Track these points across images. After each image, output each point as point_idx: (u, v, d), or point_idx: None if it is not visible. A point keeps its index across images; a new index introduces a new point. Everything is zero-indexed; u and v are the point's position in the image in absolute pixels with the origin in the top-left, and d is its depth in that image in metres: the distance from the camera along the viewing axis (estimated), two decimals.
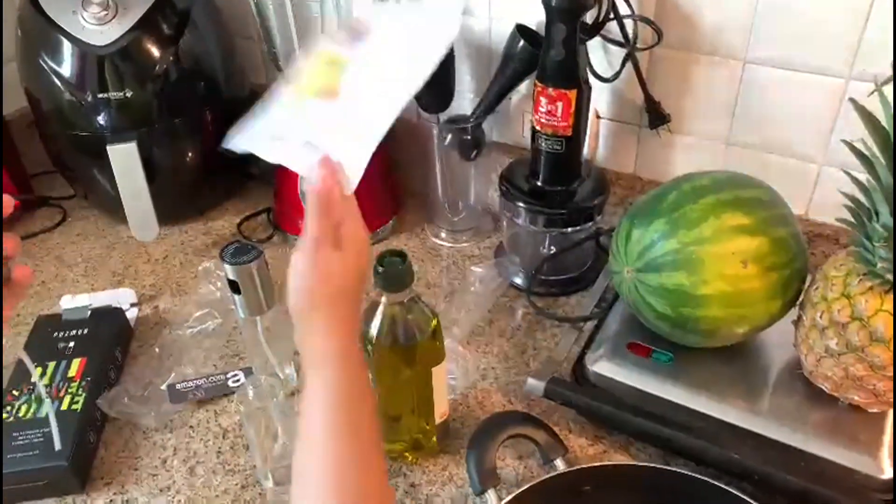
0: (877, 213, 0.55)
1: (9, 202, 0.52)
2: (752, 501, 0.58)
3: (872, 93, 0.54)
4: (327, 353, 0.52)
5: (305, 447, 0.50)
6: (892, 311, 0.55)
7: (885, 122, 0.52)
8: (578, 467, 0.62)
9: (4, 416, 0.71)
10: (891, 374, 0.57)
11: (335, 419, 0.50)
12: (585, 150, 0.86)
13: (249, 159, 0.55)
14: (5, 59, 1.05)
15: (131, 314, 0.88)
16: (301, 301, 0.53)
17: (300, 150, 0.55)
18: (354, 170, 0.55)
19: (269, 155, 0.56)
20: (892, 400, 0.60)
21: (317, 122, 0.56)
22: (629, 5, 0.76)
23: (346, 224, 0.55)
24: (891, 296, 0.55)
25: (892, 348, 0.55)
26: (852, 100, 0.55)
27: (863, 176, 0.56)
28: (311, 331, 0.53)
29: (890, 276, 0.55)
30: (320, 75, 0.57)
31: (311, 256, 0.53)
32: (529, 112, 0.83)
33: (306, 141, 0.55)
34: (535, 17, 0.84)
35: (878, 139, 0.53)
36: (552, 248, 0.88)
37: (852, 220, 0.58)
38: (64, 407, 0.72)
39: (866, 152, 0.54)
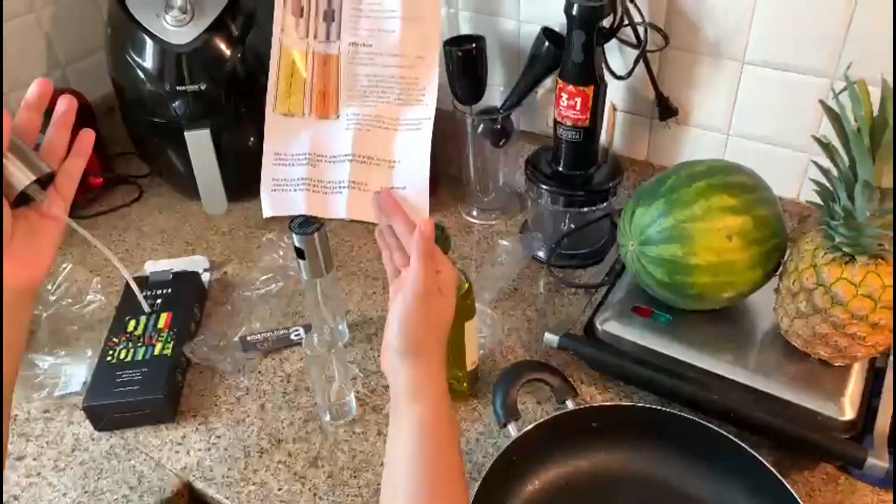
0: (837, 197, 0.65)
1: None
2: (735, 439, 0.69)
3: (838, 94, 0.65)
4: (424, 392, 0.59)
5: (391, 471, 0.58)
6: (849, 279, 0.66)
7: (844, 118, 0.63)
8: (586, 406, 0.74)
9: (108, 358, 0.85)
10: (850, 332, 0.68)
11: (420, 451, 0.57)
12: (603, 139, 0.97)
13: None
14: (94, 49, 1.18)
15: (205, 277, 1.02)
16: (411, 345, 0.60)
17: (345, 195, 0.61)
18: (419, 195, 0.61)
19: (319, 209, 0.63)
20: (853, 354, 0.71)
21: (337, 152, 0.62)
22: (640, 13, 0.87)
23: (442, 268, 0.62)
24: (849, 266, 0.66)
25: (849, 310, 0.66)
26: (821, 101, 0.66)
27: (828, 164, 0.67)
28: (412, 371, 0.60)
29: (847, 250, 0.66)
30: (286, 86, 0.62)
31: (424, 304, 0.60)
32: (553, 105, 0.94)
33: (348, 182, 0.62)
34: (560, 20, 0.94)
35: (838, 131, 0.63)
36: (571, 225, 0.99)
37: (820, 202, 0.69)
38: (156, 352, 0.86)
39: (827, 143, 0.65)
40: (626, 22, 0.87)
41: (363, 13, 0.65)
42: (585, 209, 0.96)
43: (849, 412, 0.70)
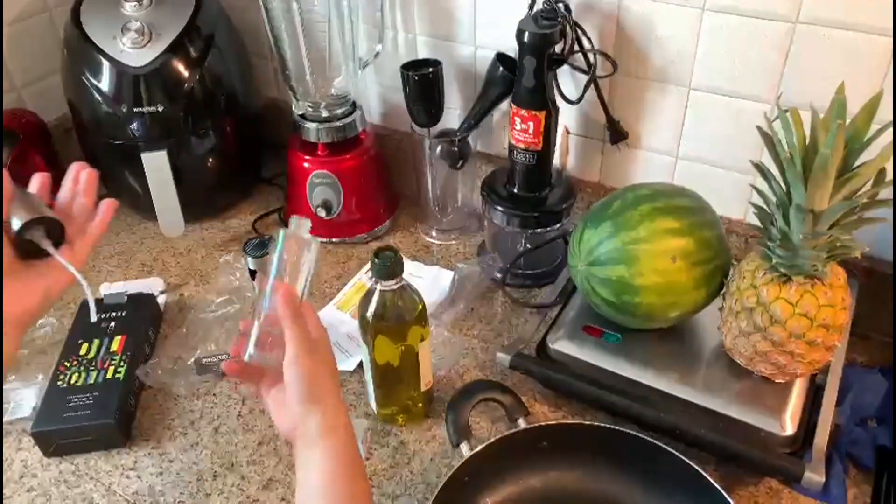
0: (774, 219, 0.68)
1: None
2: (681, 456, 0.70)
3: (774, 120, 0.68)
4: (336, 427, 0.60)
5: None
6: (787, 298, 0.68)
7: (779, 144, 0.66)
8: (537, 425, 0.75)
9: (59, 383, 0.84)
10: (789, 349, 0.70)
11: (336, 481, 0.59)
12: (557, 161, 0.99)
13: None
14: (50, 71, 1.18)
15: (161, 299, 1.01)
16: (315, 394, 0.60)
17: None
18: None
19: None
20: (792, 371, 0.73)
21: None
22: (590, 41, 0.89)
23: (309, 320, 0.63)
24: (787, 286, 0.69)
25: (787, 329, 0.69)
26: (758, 127, 0.68)
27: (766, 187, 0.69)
28: (322, 413, 0.60)
29: (784, 270, 0.68)
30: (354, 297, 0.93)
31: (310, 358, 0.60)
32: (508, 128, 0.96)
33: None
34: (514, 45, 0.97)
35: (773, 157, 0.66)
36: (527, 245, 1.01)
37: (760, 224, 0.71)
38: (108, 376, 0.85)
39: (764, 168, 0.67)
40: (577, 48, 0.90)
41: None
42: (540, 230, 0.98)
43: (790, 428, 0.73)
